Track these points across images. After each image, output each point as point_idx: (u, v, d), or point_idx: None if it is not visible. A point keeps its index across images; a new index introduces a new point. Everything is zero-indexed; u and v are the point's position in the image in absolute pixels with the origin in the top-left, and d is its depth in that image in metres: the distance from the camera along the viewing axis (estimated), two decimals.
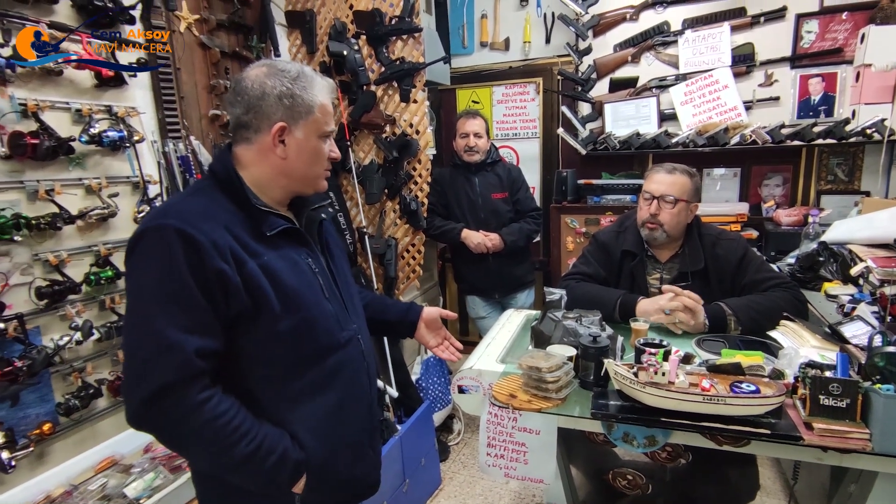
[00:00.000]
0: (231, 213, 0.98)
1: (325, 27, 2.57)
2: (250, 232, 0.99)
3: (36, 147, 1.51)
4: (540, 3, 3.32)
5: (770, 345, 1.43)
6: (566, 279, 1.85)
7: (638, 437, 1.22)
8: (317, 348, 1.04)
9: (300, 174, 1.05)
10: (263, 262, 0.97)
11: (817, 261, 2.03)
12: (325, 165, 1.08)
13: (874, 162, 2.68)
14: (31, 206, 1.56)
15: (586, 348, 1.27)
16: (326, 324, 1.05)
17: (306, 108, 1.01)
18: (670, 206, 1.69)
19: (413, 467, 2.21)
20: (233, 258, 0.93)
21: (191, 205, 0.98)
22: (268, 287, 0.96)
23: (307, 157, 1.04)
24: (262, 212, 1.01)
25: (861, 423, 1.05)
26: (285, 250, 1.03)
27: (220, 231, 0.93)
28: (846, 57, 2.65)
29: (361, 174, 2.60)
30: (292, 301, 0.99)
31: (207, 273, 0.90)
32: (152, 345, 0.89)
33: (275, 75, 1.00)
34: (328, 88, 1.06)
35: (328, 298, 1.07)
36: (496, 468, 1.37)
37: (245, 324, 0.96)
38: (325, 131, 1.05)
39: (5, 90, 1.49)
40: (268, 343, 0.98)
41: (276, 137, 1.00)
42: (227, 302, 0.93)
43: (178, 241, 0.89)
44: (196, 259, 0.90)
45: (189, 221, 0.91)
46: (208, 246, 0.90)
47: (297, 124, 1.01)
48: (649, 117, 2.95)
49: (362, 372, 1.14)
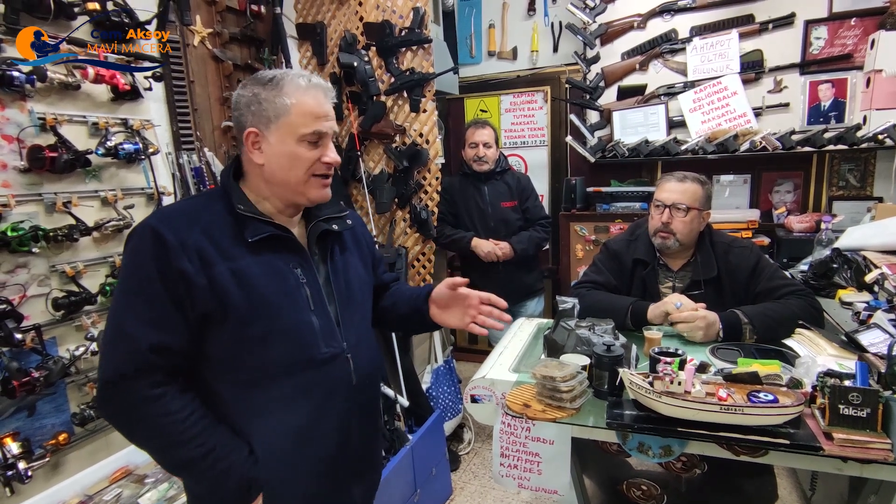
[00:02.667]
0: (219, 217, 0.99)
1: (336, 39, 2.60)
2: (233, 236, 0.99)
3: (54, 160, 1.54)
4: (547, 12, 3.34)
5: (786, 353, 1.42)
6: (577, 288, 1.84)
7: (653, 447, 1.21)
8: (288, 361, 1.01)
9: (280, 180, 1.02)
10: (236, 267, 0.96)
11: (831, 268, 2.01)
12: (308, 170, 1.02)
13: (886, 167, 2.66)
14: (49, 218, 1.59)
15: (600, 357, 1.26)
16: (305, 338, 1.02)
17: (275, 111, 0.98)
18: (682, 215, 1.68)
19: (424, 477, 2.20)
20: (199, 259, 0.94)
21: (180, 206, 1.03)
22: (234, 291, 0.95)
23: (283, 162, 1.00)
24: (247, 218, 1.00)
25: (882, 433, 1.03)
26: (269, 257, 1.01)
27: (193, 232, 0.95)
28: (856, 63, 2.64)
29: (372, 184, 2.62)
30: (264, 309, 0.98)
31: (172, 271, 0.92)
32: (113, 333, 0.93)
33: (248, 84, 1.01)
34: (305, 88, 1.00)
35: (314, 311, 1.03)
36: (510, 478, 1.36)
37: (213, 326, 0.96)
38: (302, 133, 0.99)
39: (25, 105, 1.52)
40: (234, 348, 0.98)
41: (249, 144, 1.00)
42: (191, 301, 0.93)
43: (150, 238, 0.93)
44: (162, 256, 0.92)
45: (166, 221, 0.95)
46: (175, 244, 0.92)
47: (268, 129, 0.99)
48: (658, 125, 2.95)
49: (343, 395, 1.07)
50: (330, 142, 1.04)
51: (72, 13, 1.59)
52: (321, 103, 1.02)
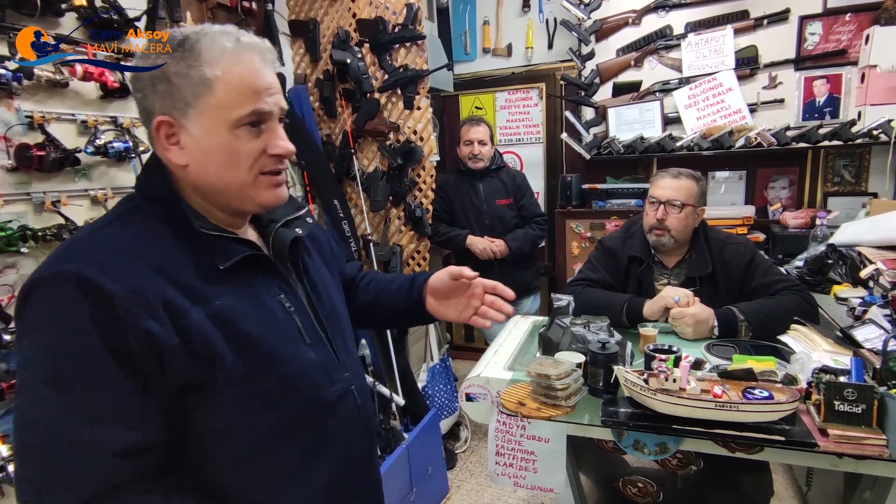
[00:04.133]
0: (168, 246, 0.72)
1: (329, 36, 2.58)
2: (196, 268, 0.72)
3: (42, 159, 1.52)
4: (542, 8, 3.33)
5: (781, 349, 1.41)
6: (572, 285, 1.84)
7: (649, 444, 1.20)
8: (299, 413, 0.79)
9: (214, 185, 0.74)
10: (215, 310, 0.71)
11: (826, 263, 2.01)
12: (253, 167, 0.74)
13: (881, 163, 2.66)
14: (38, 218, 1.57)
15: (595, 355, 1.26)
16: (310, 379, 0.80)
17: (193, 90, 0.69)
18: (677, 211, 1.68)
19: (420, 476, 2.19)
20: (166, 311, 0.66)
21: (105, 239, 0.70)
22: (221, 342, 0.70)
23: (216, 160, 0.72)
24: (212, 237, 0.74)
25: (877, 428, 1.03)
26: (249, 287, 0.76)
27: (146, 275, 0.67)
28: (851, 58, 2.64)
29: (366, 182, 2.61)
30: (261, 356, 0.74)
31: (128, 337, 0.64)
32: (53, 450, 0.63)
33: (149, 52, 0.71)
34: (233, 51, 0.70)
35: (311, 344, 0.81)
36: (505, 477, 1.35)
37: (197, 395, 0.70)
38: (236, 118, 0.71)
39: (12, 103, 1.50)
40: (231, 414, 0.73)
41: (162, 138, 0.72)
42: (162, 372, 0.66)
43: (81, 296, 0.63)
44: (109, 319, 0.63)
45: (98, 265, 0.65)
46: (126, 299, 0.64)
47: (186, 115, 0.70)
48: (653, 121, 2.94)
49: (359, 433, 0.89)
50: (277, 125, 0.76)
51: (59, 10, 1.57)
52: (259, 71, 0.72)
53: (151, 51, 0.72)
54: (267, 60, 0.75)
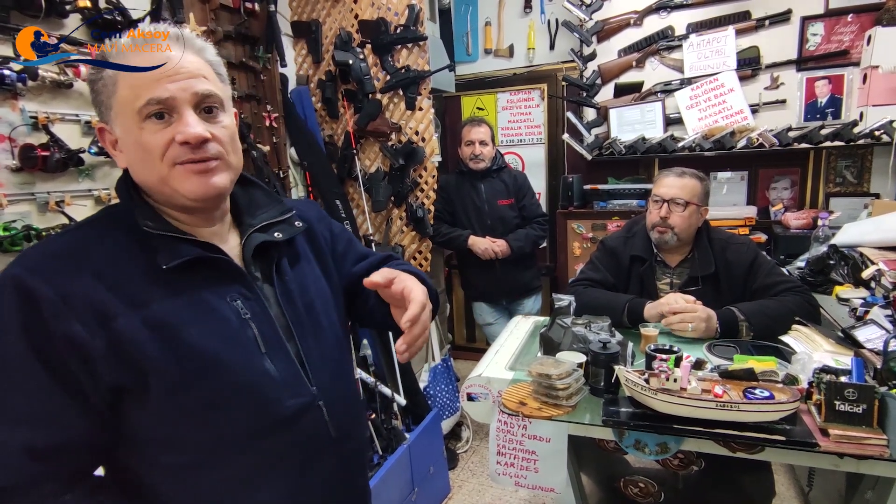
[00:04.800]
0: (118, 248, 0.72)
1: (331, 37, 2.59)
2: (143, 271, 0.71)
3: (46, 159, 1.53)
4: (544, 9, 3.34)
5: (782, 350, 1.41)
6: (574, 285, 1.84)
7: (650, 444, 1.21)
8: (246, 427, 0.75)
9: (148, 183, 0.74)
10: (151, 314, 0.70)
11: (828, 264, 2.01)
12: (166, 158, 0.71)
13: (883, 164, 2.65)
14: (42, 218, 1.58)
15: (596, 355, 1.26)
16: (262, 391, 0.76)
17: (106, 90, 0.71)
18: (680, 209, 1.68)
19: (422, 475, 2.19)
20: (94, 315, 0.67)
21: (60, 244, 0.72)
22: (154, 347, 0.69)
23: (137, 157, 0.72)
24: (160, 238, 0.73)
25: (878, 428, 1.03)
26: (196, 291, 0.74)
27: (81, 279, 0.68)
28: (852, 59, 2.63)
29: (368, 182, 2.61)
30: (201, 364, 0.71)
31: (54, 340, 0.65)
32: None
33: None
34: (130, 44, 0.70)
35: (267, 354, 0.77)
36: (506, 477, 1.36)
37: (132, 399, 0.70)
38: (136, 109, 0.69)
39: (16, 103, 1.51)
40: (168, 423, 0.71)
41: (108, 145, 0.75)
42: (90, 374, 0.67)
43: (14, 298, 0.65)
44: (35, 321, 0.65)
45: (37, 269, 0.67)
46: (54, 302, 0.65)
47: (110, 118, 0.72)
48: (655, 122, 2.94)
49: (327, 453, 0.83)
50: (186, 109, 0.71)
51: (63, 11, 1.58)
52: (154, 58, 0.70)
53: None
54: (177, 46, 0.72)
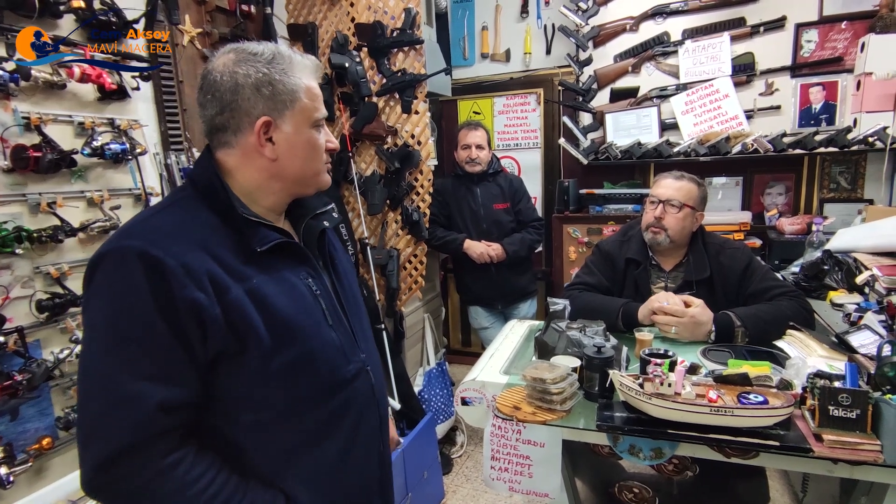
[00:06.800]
0: (212, 229, 0.83)
1: (327, 40, 2.59)
2: (236, 250, 0.83)
3: (38, 160, 1.52)
4: (540, 14, 3.35)
5: (777, 355, 1.41)
6: (569, 289, 1.84)
7: (644, 449, 1.20)
8: (318, 387, 0.88)
9: (296, 174, 0.89)
10: (252, 287, 0.81)
11: (822, 269, 2.02)
12: (324, 158, 0.92)
13: (877, 170, 2.67)
14: (33, 219, 1.56)
15: (591, 359, 1.26)
16: (330, 357, 0.89)
17: (290, 95, 0.85)
18: (675, 211, 1.69)
19: (416, 480, 2.18)
20: (212, 284, 0.77)
21: (161, 221, 0.82)
22: (256, 318, 0.80)
23: (302, 153, 0.88)
24: (252, 223, 0.85)
25: (872, 434, 1.03)
26: (280, 271, 0.87)
27: (195, 252, 0.78)
28: (846, 66, 2.65)
29: (363, 185, 2.61)
30: (287, 333, 0.83)
31: (178, 305, 0.74)
32: (105, 397, 0.74)
33: (246, 61, 0.83)
34: (312, 68, 0.90)
35: (332, 326, 0.91)
36: (500, 482, 1.35)
37: (228, 363, 0.80)
38: (316, 118, 0.89)
39: (9, 104, 1.50)
40: (257, 384, 0.82)
41: (260, 136, 0.85)
42: (204, 340, 0.77)
43: (141, 268, 0.73)
44: (164, 288, 0.74)
45: (156, 242, 0.76)
46: (179, 271, 0.74)
47: (282, 116, 0.85)
48: (650, 127, 2.95)
49: (372, 411, 0.98)
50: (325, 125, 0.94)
51: (57, 12, 1.57)
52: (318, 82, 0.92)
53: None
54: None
